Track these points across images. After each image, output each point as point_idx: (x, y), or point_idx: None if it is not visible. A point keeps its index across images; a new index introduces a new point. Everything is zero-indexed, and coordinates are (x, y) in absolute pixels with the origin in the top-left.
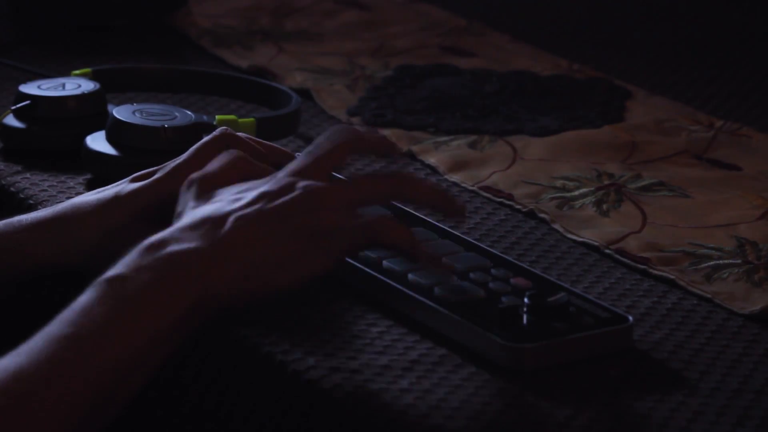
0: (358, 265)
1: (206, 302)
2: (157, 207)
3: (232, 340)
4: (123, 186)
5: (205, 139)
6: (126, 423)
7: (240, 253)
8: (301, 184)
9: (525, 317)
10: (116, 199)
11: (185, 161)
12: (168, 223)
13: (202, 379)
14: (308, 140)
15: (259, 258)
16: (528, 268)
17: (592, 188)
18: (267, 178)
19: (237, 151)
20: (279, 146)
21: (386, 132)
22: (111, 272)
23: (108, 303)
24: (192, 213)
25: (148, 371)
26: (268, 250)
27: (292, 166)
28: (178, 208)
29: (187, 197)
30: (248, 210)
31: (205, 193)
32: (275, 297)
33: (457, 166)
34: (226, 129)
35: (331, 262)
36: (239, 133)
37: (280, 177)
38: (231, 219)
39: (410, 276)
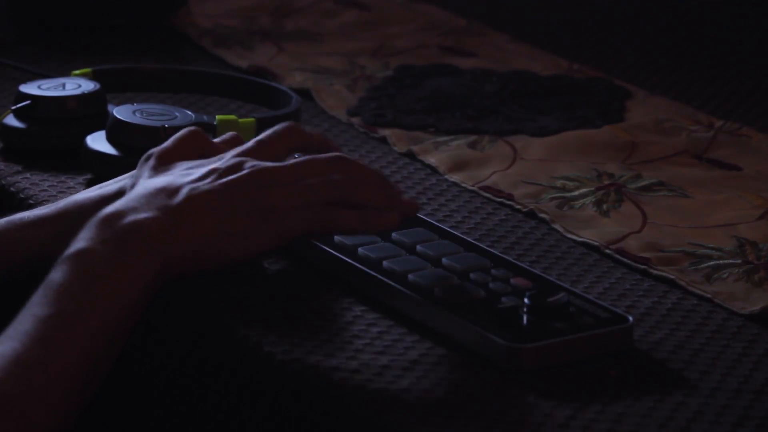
0: (358, 265)
1: (167, 268)
2: None
3: (232, 340)
4: (124, 183)
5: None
6: (126, 423)
7: (192, 224)
8: (249, 163)
9: (525, 317)
10: (118, 196)
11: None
12: None
13: (202, 379)
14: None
15: (210, 229)
16: (528, 268)
17: (592, 188)
18: (216, 157)
19: (195, 128)
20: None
21: (386, 132)
22: (75, 247)
23: (82, 278)
24: (145, 183)
25: (126, 336)
26: (219, 222)
27: (238, 149)
28: (133, 179)
29: (143, 169)
30: (199, 183)
31: (160, 166)
32: (228, 267)
33: (457, 166)
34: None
35: (281, 240)
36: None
37: (228, 157)
38: (183, 191)
39: (410, 276)
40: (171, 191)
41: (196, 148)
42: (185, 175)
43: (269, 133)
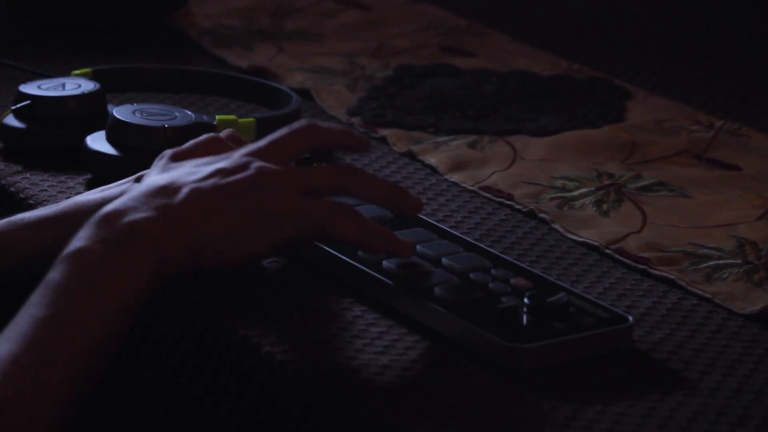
0: (358, 265)
1: (165, 268)
2: None
3: (232, 339)
4: (127, 186)
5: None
6: (126, 423)
7: (190, 224)
8: (256, 164)
9: (525, 317)
10: None
11: None
12: None
13: (202, 379)
14: None
15: (207, 231)
16: (528, 268)
17: (592, 188)
18: (225, 155)
19: (215, 134)
20: None
21: (386, 132)
22: (74, 246)
23: (80, 278)
24: (149, 181)
25: (123, 335)
26: (217, 224)
27: (250, 147)
28: (144, 177)
29: (154, 167)
30: (201, 183)
31: (170, 164)
32: (224, 270)
33: (457, 166)
34: (232, 131)
35: (277, 244)
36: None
37: (237, 156)
38: (184, 190)
39: (410, 276)
40: (172, 190)
41: (215, 152)
42: (191, 174)
43: (284, 132)
